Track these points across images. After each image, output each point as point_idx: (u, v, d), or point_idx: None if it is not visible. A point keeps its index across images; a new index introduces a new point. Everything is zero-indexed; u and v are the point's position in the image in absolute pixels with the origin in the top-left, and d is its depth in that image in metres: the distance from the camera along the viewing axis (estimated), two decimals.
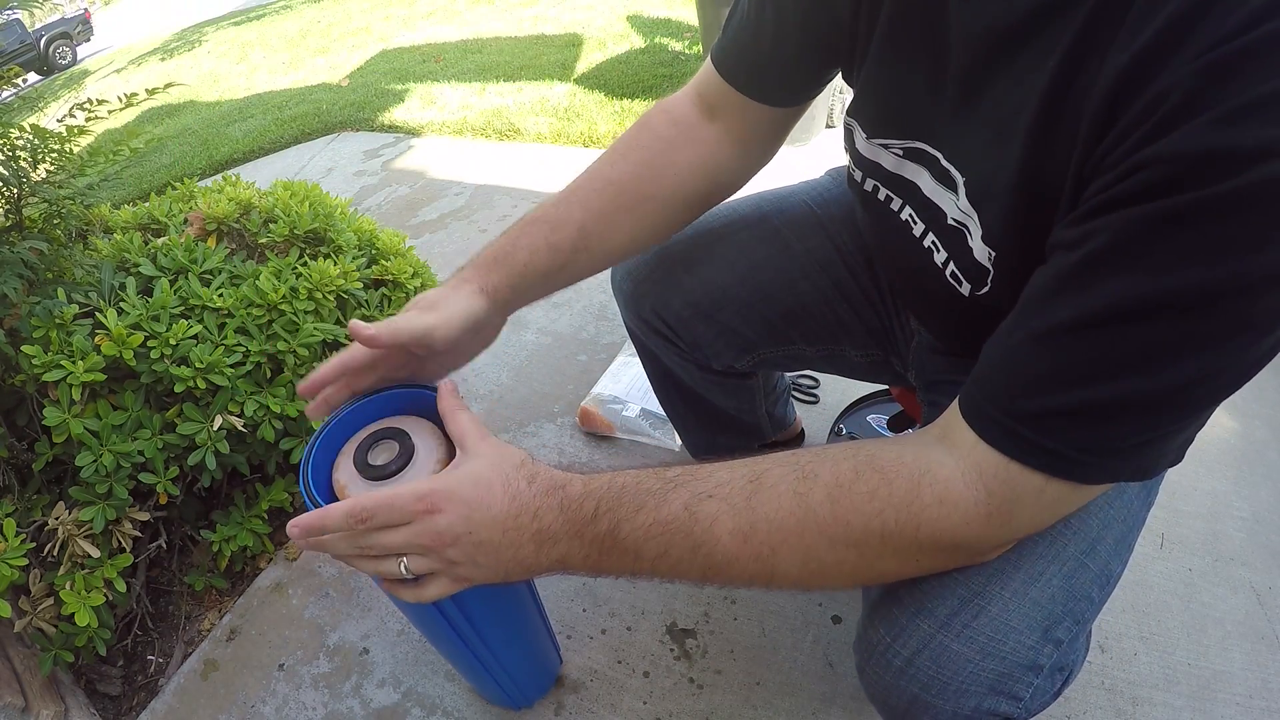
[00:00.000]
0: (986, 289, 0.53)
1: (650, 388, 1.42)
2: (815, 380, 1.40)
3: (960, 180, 0.51)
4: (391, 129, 3.25)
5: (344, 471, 0.63)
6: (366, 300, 1.39)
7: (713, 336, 0.86)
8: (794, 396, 1.32)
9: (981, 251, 0.51)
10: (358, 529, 0.51)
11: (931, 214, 0.56)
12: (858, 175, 0.64)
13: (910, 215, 0.59)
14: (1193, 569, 1.03)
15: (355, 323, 0.59)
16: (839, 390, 1.36)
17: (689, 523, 0.46)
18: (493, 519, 0.50)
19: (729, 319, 0.84)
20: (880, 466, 0.46)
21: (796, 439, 1.26)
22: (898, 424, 1.14)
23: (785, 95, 0.66)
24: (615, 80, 3.09)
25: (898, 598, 0.54)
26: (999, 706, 0.52)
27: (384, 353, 0.63)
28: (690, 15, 3.69)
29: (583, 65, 3.41)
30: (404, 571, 0.52)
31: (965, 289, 0.55)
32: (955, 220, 0.53)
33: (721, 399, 1.01)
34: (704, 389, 0.98)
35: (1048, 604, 0.52)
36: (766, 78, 0.65)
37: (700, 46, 2.35)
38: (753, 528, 0.46)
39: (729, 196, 0.76)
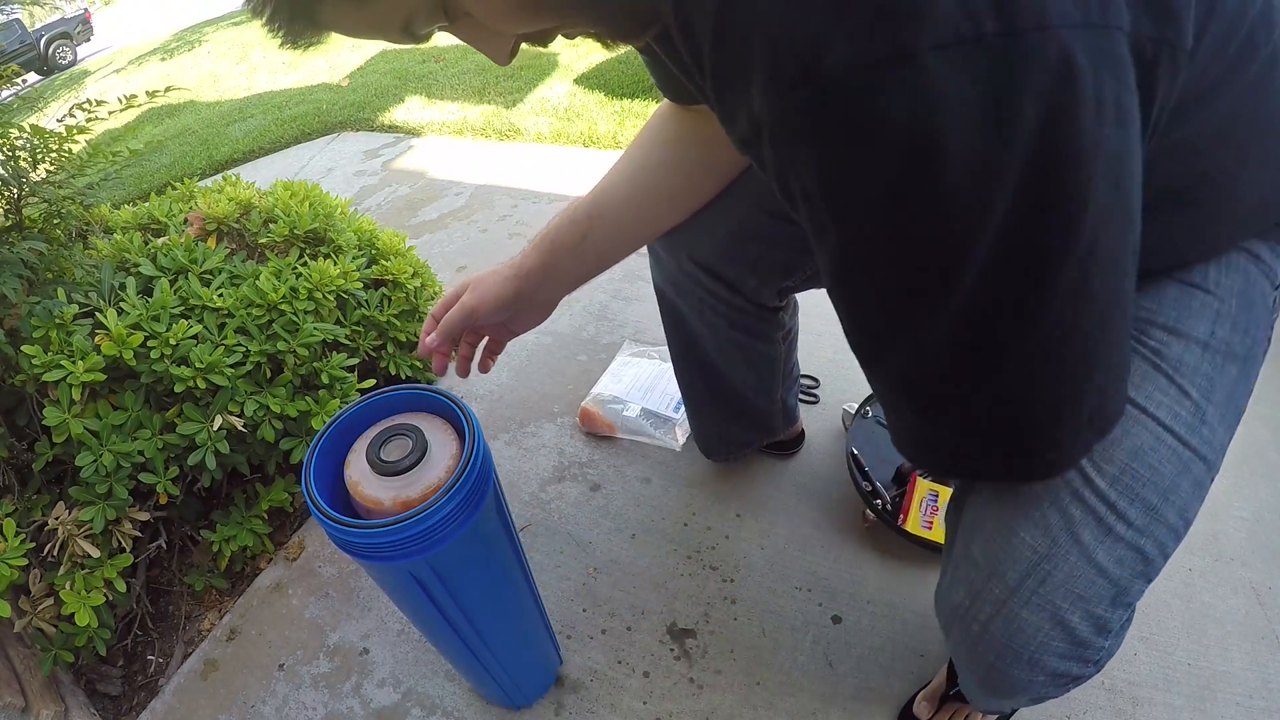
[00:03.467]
0: None
1: (651, 387, 1.43)
2: (815, 380, 1.40)
3: None
4: (391, 129, 3.25)
5: (356, 468, 0.63)
6: (366, 300, 1.39)
7: (754, 259, 0.85)
8: None
9: None
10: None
11: None
12: None
13: None
14: (1193, 569, 1.03)
15: (423, 345, 0.73)
16: (839, 389, 1.37)
17: None
18: None
19: (763, 241, 0.83)
20: None
21: (798, 438, 1.27)
22: None
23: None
24: (615, 80, 3.09)
25: (973, 559, 0.54)
26: (1072, 670, 0.53)
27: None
28: None
29: (583, 65, 3.41)
30: None
31: None
32: None
33: (743, 371, 1.01)
34: (726, 360, 0.98)
35: (1115, 567, 0.49)
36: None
37: None
38: None
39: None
